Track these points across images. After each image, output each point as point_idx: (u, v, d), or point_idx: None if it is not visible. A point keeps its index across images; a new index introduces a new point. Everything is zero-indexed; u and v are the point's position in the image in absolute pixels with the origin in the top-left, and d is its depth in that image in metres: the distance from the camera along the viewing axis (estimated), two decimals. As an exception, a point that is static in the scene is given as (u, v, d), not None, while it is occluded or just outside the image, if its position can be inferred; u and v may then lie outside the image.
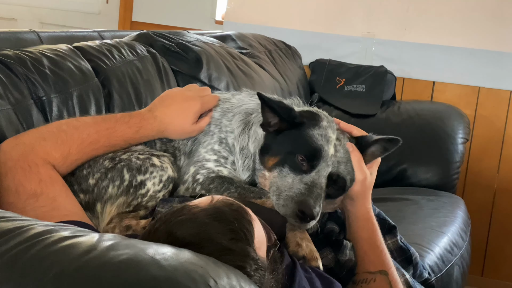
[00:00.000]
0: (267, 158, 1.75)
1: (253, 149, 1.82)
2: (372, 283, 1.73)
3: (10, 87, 1.87)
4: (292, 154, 1.70)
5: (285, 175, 1.69)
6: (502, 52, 3.85)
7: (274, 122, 1.75)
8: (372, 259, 1.75)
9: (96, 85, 2.17)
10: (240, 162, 1.85)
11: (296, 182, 1.67)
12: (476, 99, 3.94)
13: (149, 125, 1.80)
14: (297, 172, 1.68)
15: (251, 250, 1.24)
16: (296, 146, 1.71)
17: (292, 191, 1.65)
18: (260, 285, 1.23)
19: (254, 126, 1.85)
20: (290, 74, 3.64)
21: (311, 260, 1.60)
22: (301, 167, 1.68)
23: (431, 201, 3.09)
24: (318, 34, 4.19)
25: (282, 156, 1.72)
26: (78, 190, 1.72)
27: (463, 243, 2.80)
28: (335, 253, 1.75)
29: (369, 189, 1.79)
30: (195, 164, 1.84)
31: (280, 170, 1.71)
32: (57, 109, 1.98)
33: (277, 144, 1.75)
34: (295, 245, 1.61)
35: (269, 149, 1.76)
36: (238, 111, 1.91)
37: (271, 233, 1.39)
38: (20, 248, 0.93)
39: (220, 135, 1.87)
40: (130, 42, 2.52)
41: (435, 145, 3.40)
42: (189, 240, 1.20)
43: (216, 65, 2.81)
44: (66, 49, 2.17)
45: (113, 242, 0.96)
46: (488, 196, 3.96)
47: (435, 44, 3.97)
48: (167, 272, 0.89)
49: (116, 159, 1.75)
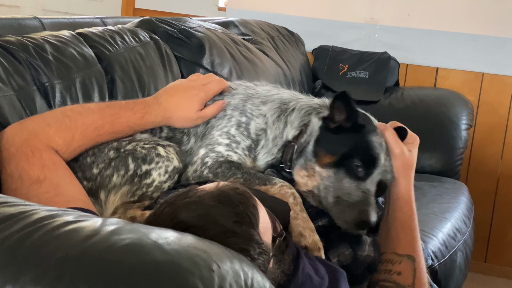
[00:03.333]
0: (323, 153, 1.72)
1: (291, 135, 1.80)
2: (397, 265, 1.72)
3: (13, 73, 1.86)
4: (350, 157, 1.68)
5: (341, 178, 1.68)
6: (506, 38, 3.84)
7: (339, 119, 1.72)
8: (402, 242, 1.74)
9: (99, 71, 2.16)
10: (266, 149, 1.82)
11: (353, 189, 1.66)
12: (479, 85, 3.93)
13: (154, 111, 1.79)
14: (354, 178, 1.67)
15: (255, 234, 1.24)
16: (355, 150, 1.69)
17: (352, 198, 1.65)
18: (264, 269, 1.23)
19: (295, 112, 1.82)
20: (293, 60, 3.63)
21: (314, 250, 1.60)
22: (357, 173, 1.67)
23: (434, 187, 3.09)
24: (321, 20, 4.18)
25: (339, 157, 1.69)
26: (81, 177, 1.71)
27: (466, 229, 2.81)
28: (353, 249, 1.73)
29: (410, 168, 1.78)
30: (206, 147, 1.81)
31: (337, 171, 1.69)
32: (60, 95, 1.98)
33: (336, 142, 1.72)
34: (298, 235, 1.61)
35: (326, 144, 1.73)
36: (270, 99, 1.88)
37: (277, 222, 1.39)
38: (23, 233, 0.93)
39: (240, 118, 1.84)
40: (132, 29, 2.52)
41: (438, 132, 3.40)
42: (193, 222, 1.20)
43: (219, 51, 2.80)
44: (68, 35, 2.17)
45: (116, 226, 0.96)
46: (491, 182, 3.95)
47: (438, 30, 3.96)
48: (170, 257, 0.89)
49: (121, 150, 1.73)
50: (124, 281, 0.85)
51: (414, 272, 1.71)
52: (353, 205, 1.64)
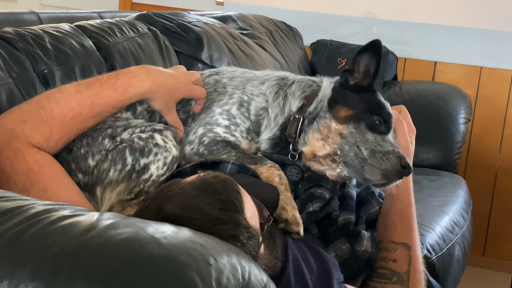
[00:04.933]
0: (339, 108, 1.73)
1: (295, 107, 1.80)
2: (392, 252, 1.73)
3: (11, 61, 1.84)
4: (369, 113, 1.70)
5: (363, 132, 1.69)
6: (504, 32, 3.83)
7: (358, 76, 1.76)
8: (398, 231, 1.75)
9: (98, 59, 2.15)
10: (269, 129, 1.81)
11: (381, 141, 1.68)
12: (478, 79, 3.93)
13: (140, 81, 1.69)
14: (377, 132, 1.69)
15: (242, 218, 1.24)
16: (373, 107, 1.72)
17: (384, 148, 1.66)
18: (255, 253, 1.24)
19: (296, 84, 1.84)
20: (291, 55, 3.63)
21: (293, 224, 1.60)
22: (379, 127, 1.70)
23: (432, 181, 3.09)
24: (319, 14, 4.17)
25: (358, 111, 1.71)
26: (76, 169, 1.66)
27: (465, 222, 2.81)
28: (351, 244, 1.72)
29: (410, 156, 1.80)
30: (205, 126, 1.79)
31: (357, 125, 1.70)
32: (61, 82, 1.93)
33: (353, 99, 1.74)
34: (280, 208, 1.61)
35: (342, 101, 1.74)
36: (267, 78, 1.88)
37: (264, 209, 1.39)
38: (19, 228, 0.93)
39: (242, 96, 1.83)
40: (130, 21, 2.51)
41: (436, 126, 3.40)
42: (180, 214, 1.20)
43: (217, 46, 2.80)
44: (67, 27, 2.15)
45: (113, 221, 0.96)
46: (489, 176, 3.96)
47: (437, 24, 3.96)
48: (167, 251, 0.89)
49: (116, 138, 1.67)
50: (121, 275, 0.85)
51: (409, 260, 1.72)
52: (388, 153, 1.65)
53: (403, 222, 1.76)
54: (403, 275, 1.71)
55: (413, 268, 1.72)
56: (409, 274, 1.71)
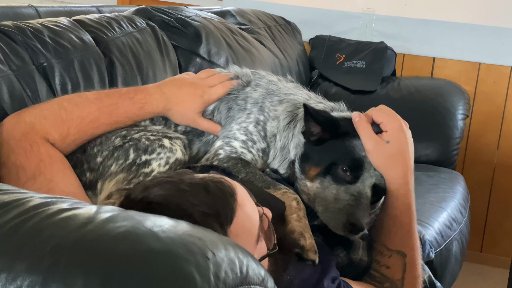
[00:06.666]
0: (309, 167, 1.72)
1: (293, 155, 1.79)
2: (386, 258, 1.70)
3: (10, 54, 1.86)
4: (334, 165, 1.67)
5: (327, 186, 1.67)
6: (503, 28, 3.83)
7: (316, 131, 1.72)
8: (393, 237, 1.69)
9: (97, 53, 2.16)
10: (277, 160, 1.83)
11: (341, 193, 1.65)
12: (476, 75, 3.93)
13: (155, 100, 1.78)
14: (341, 183, 1.66)
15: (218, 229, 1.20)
16: (338, 156, 1.67)
17: (340, 203, 1.63)
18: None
19: (299, 124, 1.81)
20: (290, 50, 3.63)
21: (310, 252, 1.58)
22: (345, 177, 1.66)
23: (430, 177, 3.10)
24: (318, 10, 4.17)
25: (324, 167, 1.68)
26: (86, 168, 1.72)
27: (462, 218, 2.81)
28: (347, 252, 1.72)
29: (396, 159, 1.68)
30: (223, 139, 1.83)
31: (322, 180, 1.68)
32: (60, 75, 1.97)
33: (318, 154, 1.71)
34: (299, 234, 1.59)
35: (310, 158, 1.73)
36: (287, 99, 1.88)
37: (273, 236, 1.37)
38: (17, 221, 0.92)
39: (259, 116, 1.85)
40: (129, 15, 2.51)
41: (435, 121, 3.40)
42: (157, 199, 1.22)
43: (215, 40, 2.80)
44: (65, 21, 2.16)
45: (111, 214, 0.95)
46: (487, 172, 3.96)
47: (435, 20, 3.95)
48: (165, 244, 0.89)
49: (127, 137, 1.73)
50: (118, 269, 0.85)
51: (404, 267, 1.68)
52: (341, 209, 1.62)
53: (398, 229, 1.69)
54: (397, 282, 1.68)
55: (408, 274, 1.68)
56: (404, 281, 1.68)
